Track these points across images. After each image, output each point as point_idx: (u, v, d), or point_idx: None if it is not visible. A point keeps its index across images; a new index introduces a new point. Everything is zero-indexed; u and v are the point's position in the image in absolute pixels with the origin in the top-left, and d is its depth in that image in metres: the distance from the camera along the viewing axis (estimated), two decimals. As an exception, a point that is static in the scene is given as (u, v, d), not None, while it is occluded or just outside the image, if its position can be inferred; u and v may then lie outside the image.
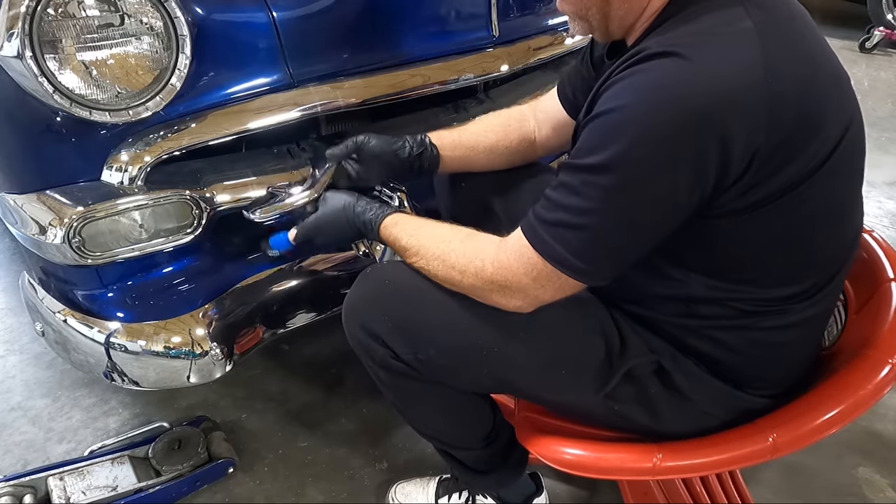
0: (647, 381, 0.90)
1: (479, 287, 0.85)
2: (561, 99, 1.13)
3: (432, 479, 1.28)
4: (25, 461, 1.37)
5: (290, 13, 1.11)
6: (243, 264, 1.18)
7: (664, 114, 0.69)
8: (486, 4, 1.35)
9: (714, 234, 0.79)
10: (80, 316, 1.05)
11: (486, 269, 0.83)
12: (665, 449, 0.88)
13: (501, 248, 0.83)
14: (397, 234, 0.95)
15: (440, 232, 0.92)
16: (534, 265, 0.79)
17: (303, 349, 1.67)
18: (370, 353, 0.95)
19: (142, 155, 1.00)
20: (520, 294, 0.83)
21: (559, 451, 0.93)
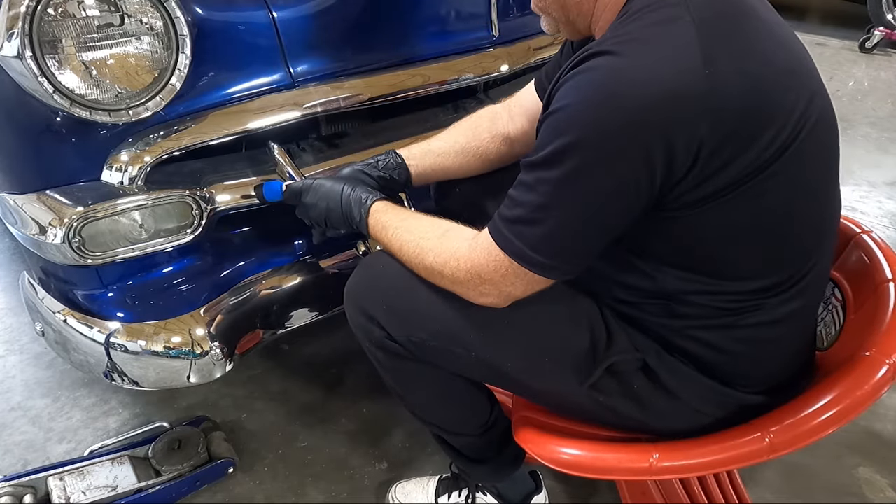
0: (631, 376, 0.91)
1: (456, 285, 0.87)
2: (538, 91, 1.13)
3: (432, 478, 1.28)
4: (25, 461, 1.37)
5: (290, 13, 1.11)
6: (243, 264, 1.18)
7: (603, 112, 0.71)
8: (486, 4, 1.35)
9: (673, 226, 0.80)
10: (80, 316, 1.05)
11: (460, 269, 0.85)
12: (661, 448, 0.88)
13: (472, 246, 0.85)
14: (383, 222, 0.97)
15: (423, 223, 0.94)
16: (500, 262, 0.81)
17: (303, 349, 1.67)
18: (368, 335, 0.97)
19: (142, 155, 1.00)
20: (493, 290, 0.85)
21: (555, 450, 0.93)
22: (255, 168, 1.16)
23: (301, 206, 1.06)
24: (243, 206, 1.13)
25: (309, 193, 1.05)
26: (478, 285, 0.85)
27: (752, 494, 1.33)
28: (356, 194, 1.01)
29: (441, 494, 1.24)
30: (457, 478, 1.24)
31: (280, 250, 1.23)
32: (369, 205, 0.98)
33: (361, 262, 1.02)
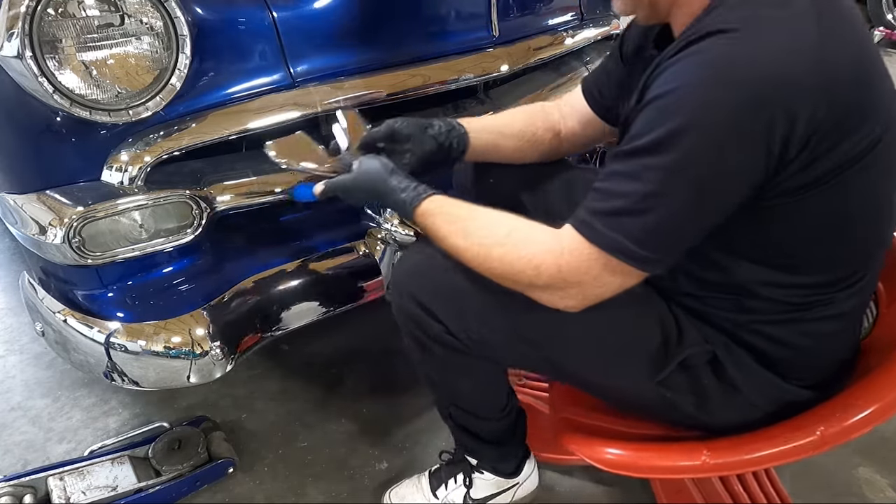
0: (701, 371, 0.90)
1: (533, 291, 0.84)
2: (586, 95, 1.14)
3: (422, 475, 1.26)
4: (25, 461, 1.37)
5: (290, 13, 1.11)
6: (243, 264, 1.18)
7: (720, 91, 0.69)
8: (486, 4, 1.35)
9: (764, 217, 0.78)
10: (80, 316, 1.05)
11: (541, 276, 0.81)
12: (712, 446, 0.89)
13: (554, 249, 0.80)
14: (434, 223, 0.91)
15: (486, 221, 0.88)
16: (593, 262, 0.78)
17: (303, 349, 1.67)
18: (422, 327, 0.95)
19: (142, 155, 1.00)
20: (577, 294, 0.81)
21: (606, 452, 0.94)
22: (256, 168, 1.16)
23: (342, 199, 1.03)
24: (243, 206, 1.13)
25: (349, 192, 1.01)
26: (560, 289, 0.81)
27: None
28: (398, 196, 0.94)
29: (437, 487, 1.23)
30: (449, 465, 1.23)
31: (280, 250, 1.23)
32: (415, 205, 0.92)
33: (415, 249, 0.98)
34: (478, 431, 1.13)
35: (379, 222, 1.18)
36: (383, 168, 0.98)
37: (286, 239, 1.25)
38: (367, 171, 0.99)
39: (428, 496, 1.23)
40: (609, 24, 1.84)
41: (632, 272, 0.78)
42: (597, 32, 1.77)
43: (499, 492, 1.21)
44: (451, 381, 1.06)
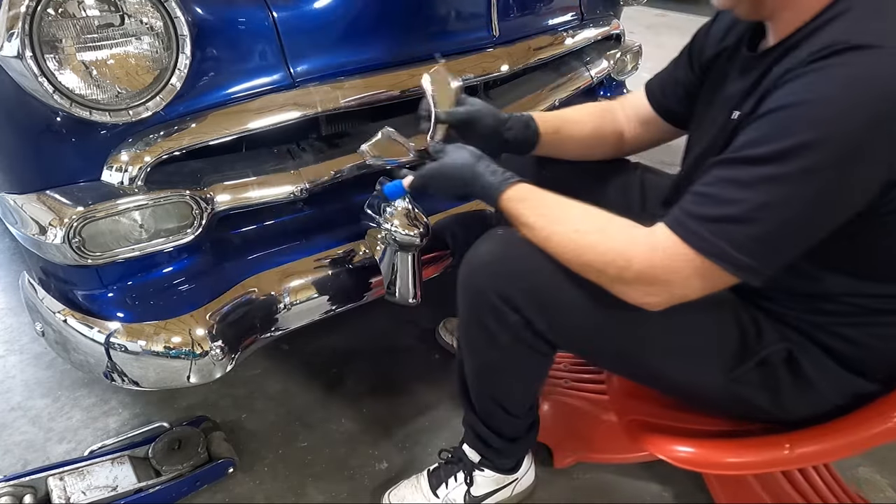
0: (777, 368, 0.92)
1: (617, 284, 0.85)
2: (649, 97, 1.18)
3: (420, 475, 1.27)
4: (25, 461, 1.37)
5: (290, 13, 1.11)
6: (243, 264, 1.18)
7: (863, 110, 0.70)
8: (486, 4, 1.35)
9: (869, 229, 0.80)
10: (80, 316, 1.05)
11: (630, 270, 0.82)
12: (792, 438, 0.93)
13: (648, 245, 0.82)
14: (522, 209, 0.93)
15: (575, 212, 0.90)
16: (687, 264, 0.79)
17: (303, 349, 1.67)
18: (500, 318, 0.95)
19: (142, 155, 1.00)
20: (662, 292, 0.82)
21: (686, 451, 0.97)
22: (256, 168, 1.16)
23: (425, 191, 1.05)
24: (243, 205, 1.13)
25: (431, 184, 1.03)
26: (647, 286, 0.82)
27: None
28: (481, 180, 0.96)
29: (437, 486, 1.23)
30: (448, 463, 1.24)
31: (280, 250, 1.23)
32: (502, 189, 0.94)
33: (494, 238, 0.98)
34: (500, 427, 1.14)
35: (379, 222, 1.18)
36: (471, 154, 1.00)
37: (286, 239, 1.25)
38: (455, 157, 1.00)
39: (428, 496, 1.23)
40: (609, 24, 1.84)
41: (724, 278, 0.79)
42: (597, 32, 1.77)
43: (498, 488, 1.23)
44: (501, 374, 1.06)
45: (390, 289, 1.23)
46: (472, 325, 1.02)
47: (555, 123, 1.16)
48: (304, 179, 1.18)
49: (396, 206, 1.14)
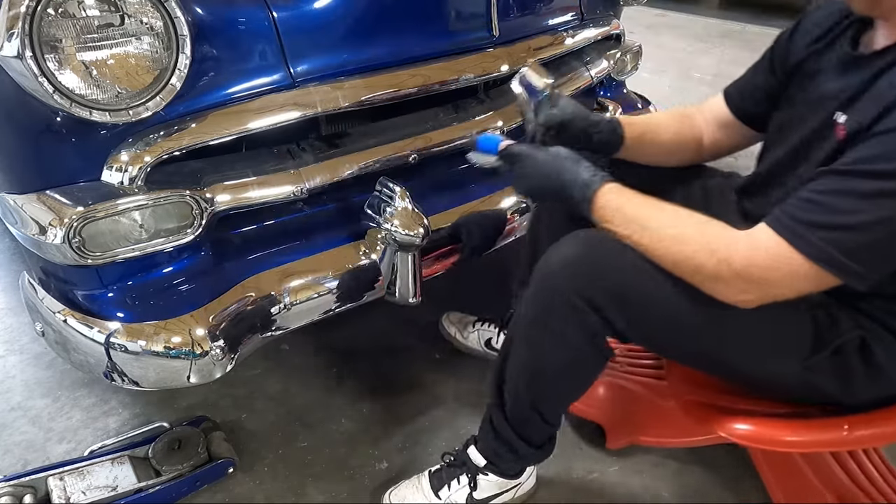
0: (851, 356, 0.94)
1: (711, 281, 0.87)
2: (728, 102, 1.19)
3: (421, 476, 1.27)
4: (25, 461, 1.37)
5: (290, 13, 1.11)
6: (243, 264, 1.18)
7: None
8: (485, 4, 1.35)
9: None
10: (80, 316, 1.05)
11: (734, 260, 0.84)
12: (851, 421, 0.97)
13: (752, 242, 0.85)
14: (619, 204, 0.94)
15: (670, 211, 0.93)
16: (790, 264, 0.82)
17: (303, 349, 1.67)
18: (577, 319, 0.97)
19: (142, 155, 1.00)
20: (756, 290, 0.86)
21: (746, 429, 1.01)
22: (256, 168, 1.16)
23: (512, 174, 1.05)
24: (243, 205, 1.13)
25: (524, 163, 1.03)
26: (744, 283, 0.85)
27: (751, 493, 1.33)
28: (579, 174, 0.97)
29: (440, 488, 1.23)
30: (451, 466, 1.24)
31: (280, 250, 1.23)
32: (596, 187, 0.96)
33: (575, 239, 0.99)
34: (530, 434, 1.15)
35: (379, 222, 1.18)
36: (569, 153, 1.02)
37: (286, 238, 1.25)
38: (553, 150, 1.03)
39: (429, 496, 1.23)
40: (609, 24, 1.84)
41: (827, 281, 0.83)
42: (597, 32, 1.76)
43: (501, 492, 1.24)
44: (556, 377, 1.06)
45: (390, 289, 1.23)
46: (540, 326, 1.02)
47: (639, 128, 1.19)
48: (304, 179, 1.18)
49: (396, 206, 1.14)
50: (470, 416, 1.48)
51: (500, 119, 1.44)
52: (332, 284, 1.20)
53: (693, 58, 4.22)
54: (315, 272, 1.20)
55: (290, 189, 1.16)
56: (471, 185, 1.46)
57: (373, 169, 1.26)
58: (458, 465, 1.23)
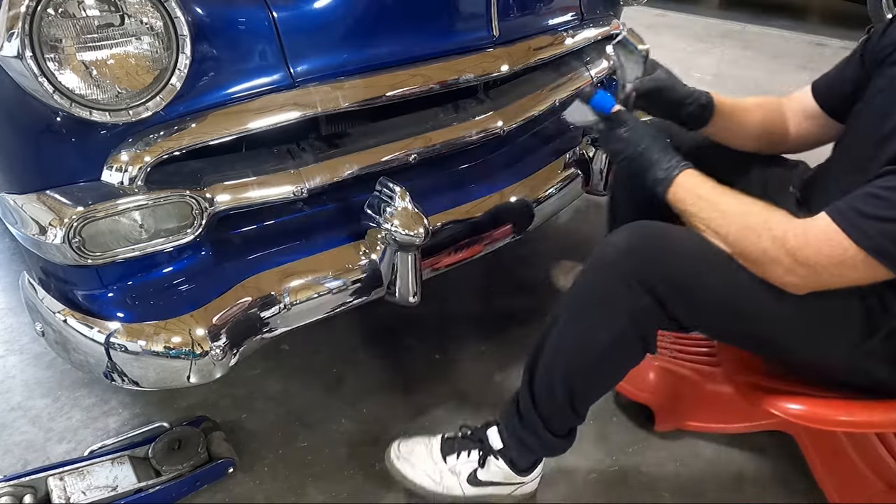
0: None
1: (770, 252, 0.93)
2: (815, 95, 1.23)
3: (433, 437, 1.28)
4: (25, 461, 1.37)
5: (290, 13, 1.11)
6: (243, 264, 1.18)
7: None
8: (485, 4, 1.35)
9: None
10: (80, 316, 1.05)
11: (789, 240, 0.91)
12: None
13: (809, 227, 0.90)
14: (694, 185, 1.03)
15: (739, 196, 1.00)
16: (843, 252, 0.87)
17: (303, 349, 1.67)
18: (632, 301, 1.01)
19: (142, 155, 1.00)
20: (808, 273, 0.91)
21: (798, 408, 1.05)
22: (256, 168, 1.16)
23: (611, 135, 1.11)
24: (243, 205, 1.13)
25: (630, 130, 1.09)
26: (793, 265, 0.91)
27: (752, 494, 1.33)
28: (667, 157, 1.05)
29: (449, 454, 1.25)
30: (466, 438, 1.26)
31: (280, 250, 1.23)
32: (678, 171, 1.03)
33: (636, 226, 1.05)
34: (553, 423, 1.15)
35: (379, 222, 1.18)
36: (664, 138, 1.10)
37: (286, 238, 1.25)
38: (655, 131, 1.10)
39: (436, 458, 1.25)
40: (609, 24, 1.84)
41: (878, 273, 0.88)
42: (597, 32, 1.76)
43: (503, 482, 1.24)
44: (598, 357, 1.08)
45: (390, 289, 1.23)
46: (590, 304, 1.06)
47: (729, 108, 1.24)
48: (304, 179, 1.18)
49: (396, 206, 1.14)
50: (470, 416, 1.48)
51: (500, 119, 1.44)
52: (332, 284, 1.20)
53: (693, 58, 4.22)
54: (315, 272, 1.20)
55: (290, 189, 1.16)
56: (471, 185, 1.46)
57: (373, 169, 1.26)
58: (473, 440, 1.24)
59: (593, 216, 2.33)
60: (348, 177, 1.24)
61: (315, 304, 1.20)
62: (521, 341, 1.71)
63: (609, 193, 1.56)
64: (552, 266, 1.97)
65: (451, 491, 1.23)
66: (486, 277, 1.97)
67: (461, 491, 1.23)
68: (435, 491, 1.24)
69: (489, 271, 1.99)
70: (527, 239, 2.04)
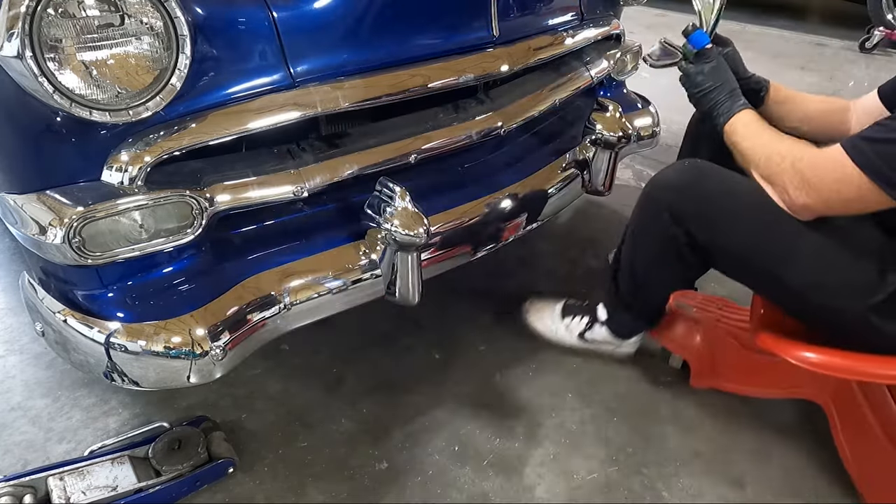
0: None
1: (787, 171, 1.08)
2: (882, 97, 1.31)
3: (559, 302, 1.63)
4: (25, 461, 1.37)
5: (290, 13, 1.11)
6: (243, 264, 1.18)
7: None
8: (486, 4, 1.35)
9: None
10: (80, 316, 1.05)
11: (802, 161, 1.06)
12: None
13: (822, 152, 1.05)
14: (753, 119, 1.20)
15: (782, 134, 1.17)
16: (843, 171, 1.00)
17: (303, 349, 1.67)
18: (667, 228, 1.24)
19: (142, 155, 1.00)
20: (814, 192, 1.05)
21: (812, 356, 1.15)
22: (256, 168, 1.16)
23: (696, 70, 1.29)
24: (243, 205, 1.13)
25: (714, 65, 1.28)
26: (802, 184, 1.06)
27: (751, 494, 1.33)
28: (736, 95, 1.24)
29: (566, 315, 1.60)
30: (582, 307, 1.59)
31: (280, 250, 1.23)
32: (740, 108, 1.22)
33: (682, 165, 1.27)
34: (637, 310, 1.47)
35: (379, 222, 1.18)
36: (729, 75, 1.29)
37: (286, 238, 1.25)
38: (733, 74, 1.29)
39: (555, 318, 1.61)
40: (609, 24, 1.84)
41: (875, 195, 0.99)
42: (597, 32, 1.76)
43: (605, 341, 1.57)
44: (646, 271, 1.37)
45: (390, 289, 1.23)
46: (638, 227, 1.34)
47: (784, 95, 1.41)
48: (304, 179, 1.18)
49: (396, 206, 1.14)
50: (470, 416, 1.49)
51: (500, 119, 1.44)
52: (332, 284, 1.21)
53: (693, 58, 4.21)
54: (315, 272, 1.20)
55: (290, 189, 1.16)
56: (471, 184, 1.46)
57: (373, 169, 1.26)
58: (586, 311, 1.57)
59: (593, 216, 2.33)
60: (348, 177, 1.24)
61: (315, 304, 1.20)
62: (521, 341, 1.71)
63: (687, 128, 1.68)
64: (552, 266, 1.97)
65: (562, 341, 1.61)
66: (486, 277, 1.97)
67: (571, 342, 1.60)
68: (550, 338, 1.63)
69: (489, 271, 1.99)
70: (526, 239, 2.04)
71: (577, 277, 2.00)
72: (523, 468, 1.37)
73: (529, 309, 1.67)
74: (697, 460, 1.40)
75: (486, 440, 1.44)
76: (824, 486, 1.36)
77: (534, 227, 1.56)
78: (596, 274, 1.98)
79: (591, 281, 1.89)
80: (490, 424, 1.47)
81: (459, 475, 1.35)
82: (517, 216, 1.49)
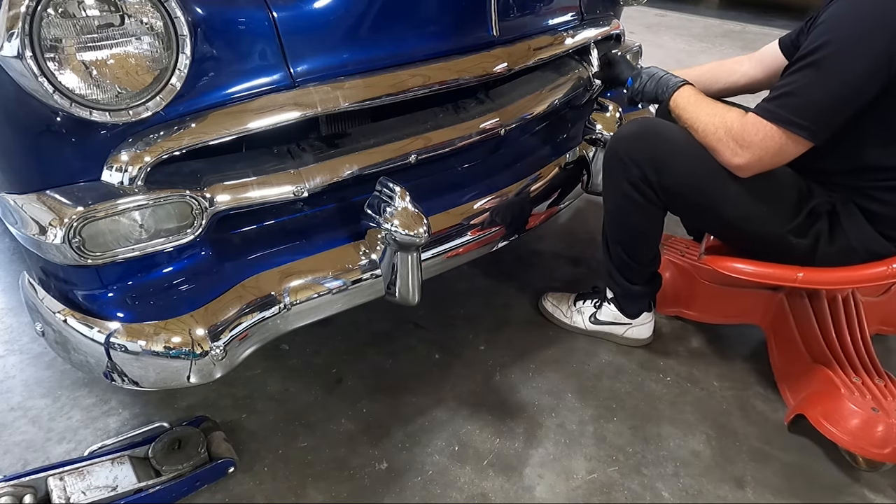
0: (820, 217, 1.31)
1: (723, 139, 1.27)
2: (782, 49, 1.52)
3: (571, 294, 1.78)
4: (25, 461, 1.37)
5: (290, 13, 1.11)
6: (243, 264, 1.18)
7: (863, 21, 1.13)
8: (485, 4, 1.35)
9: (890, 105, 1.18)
10: (80, 316, 1.05)
11: (734, 127, 1.25)
12: (805, 270, 1.34)
13: (744, 120, 1.24)
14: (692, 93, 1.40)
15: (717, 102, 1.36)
16: (762, 129, 1.21)
17: (303, 349, 1.67)
18: (625, 173, 1.41)
19: (142, 155, 1.00)
20: (747, 152, 1.24)
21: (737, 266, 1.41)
22: (256, 168, 1.16)
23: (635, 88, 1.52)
24: (243, 205, 1.13)
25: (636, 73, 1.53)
26: (735, 146, 1.25)
27: (750, 494, 1.33)
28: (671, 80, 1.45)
29: (578, 300, 1.75)
30: (591, 292, 1.75)
31: (280, 250, 1.23)
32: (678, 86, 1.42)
33: (637, 121, 1.46)
34: (629, 274, 1.59)
35: (379, 222, 1.18)
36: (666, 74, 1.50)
37: (286, 238, 1.25)
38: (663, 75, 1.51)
39: (570, 302, 1.76)
40: (609, 24, 1.84)
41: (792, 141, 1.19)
42: (597, 32, 1.77)
43: (615, 323, 1.68)
44: (624, 219, 1.50)
45: (390, 289, 1.23)
46: (606, 179, 1.50)
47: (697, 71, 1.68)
48: (304, 179, 1.18)
49: (396, 206, 1.14)
50: (470, 415, 1.49)
51: (500, 119, 1.44)
52: (332, 284, 1.21)
53: (693, 58, 4.22)
54: (315, 272, 1.20)
55: (290, 189, 1.16)
56: (471, 184, 1.46)
57: (373, 169, 1.26)
58: (595, 293, 1.73)
59: (593, 216, 2.33)
60: (348, 177, 1.24)
61: (315, 304, 1.20)
62: (520, 340, 1.71)
63: None
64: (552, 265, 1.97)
65: (577, 325, 1.73)
66: (486, 277, 1.97)
67: (584, 326, 1.72)
68: (566, 323, 1.76)
69: (488, 271, 1.99)
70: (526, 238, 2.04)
71: (578, 277, 2.00)
72: (523, 468, 1.37)
73: (545, 299, 1.81)
74: (697, 460, 1.41)
75: (486, 440, 1.44)
76: (824, 486, 1.36)
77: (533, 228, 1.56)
78: (596, 273, 1.98)
79: (591, 280, 1.88)
80: (490, 424, 1.47)
81: (459, 475, 1.35)
82: (516, 216, 1.49)
